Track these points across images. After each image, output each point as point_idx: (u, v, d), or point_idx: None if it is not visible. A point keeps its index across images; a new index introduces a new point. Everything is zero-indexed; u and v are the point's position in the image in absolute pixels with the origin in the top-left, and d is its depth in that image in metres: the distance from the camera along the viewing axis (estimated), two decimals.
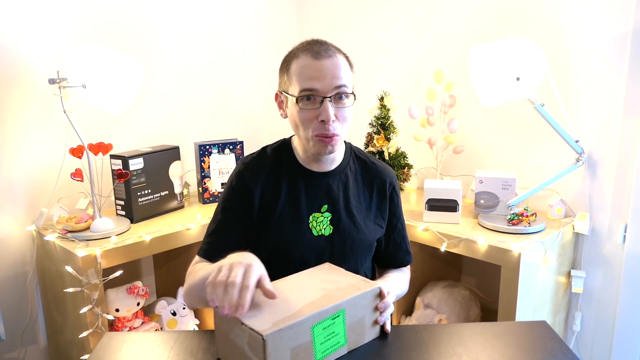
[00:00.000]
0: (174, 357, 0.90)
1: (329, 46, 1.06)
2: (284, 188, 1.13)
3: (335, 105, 1.03)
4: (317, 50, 1.03)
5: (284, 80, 1.09)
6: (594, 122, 1.63)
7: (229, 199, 1.15)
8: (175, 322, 1.79)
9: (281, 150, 1.18)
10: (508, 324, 1.06)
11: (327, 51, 1.03)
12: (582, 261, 1.71)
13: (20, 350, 1.77)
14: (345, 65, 1.05)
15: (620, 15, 1.53)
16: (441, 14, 1.98)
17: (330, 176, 1.14)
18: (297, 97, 1.03)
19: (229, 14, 2.22)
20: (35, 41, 1.67)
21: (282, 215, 1.12)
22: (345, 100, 1.05)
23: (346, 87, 1.04)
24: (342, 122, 1.06)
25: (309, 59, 1.03)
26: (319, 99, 1.02)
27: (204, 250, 1.14)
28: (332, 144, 1.05)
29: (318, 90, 1.01)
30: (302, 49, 1.05)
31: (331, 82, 1.02)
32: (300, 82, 1.03)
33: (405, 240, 1.26)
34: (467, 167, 1.97)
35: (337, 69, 1.03)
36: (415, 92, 2.07)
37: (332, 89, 1.02)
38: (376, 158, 1.26)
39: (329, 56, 1.03)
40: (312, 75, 1.02)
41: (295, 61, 1.05)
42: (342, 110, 1.05)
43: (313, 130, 1.04)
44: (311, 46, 1.05)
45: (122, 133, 1.92)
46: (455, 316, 1.76)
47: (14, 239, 1.71)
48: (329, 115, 1.02)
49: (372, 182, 1.19)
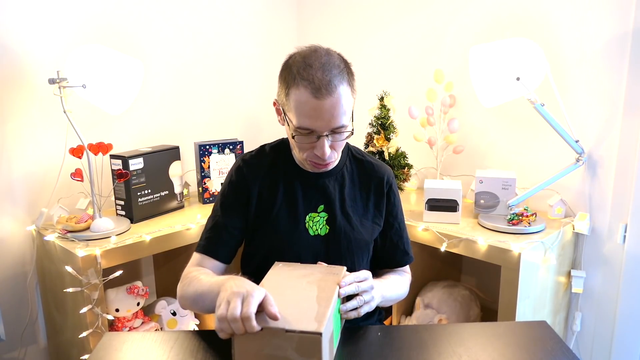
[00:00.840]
0: (174, 357, 0.90)
1: (332, 75, 0.97)
2: (281, 187, 1.13)
3: (332, 139, 1.03)
4: (317, 85, 0.95)
5: (282, 97, 1.03)
6: (594, 122, 1.63)
7: (227, 195, 1.15)
8: (175, 322, 1.79)
9: (279, 149, 1.18)
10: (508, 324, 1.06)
11: (328, 87, 0.96)
12: (582, 261, 1.71)
13: (20, 350, 1.77)
14: (346, 98, 0.99)
15: (620, 15, 1.53)
16: (441, 14, 1.98)
17: (327, 176, 1.15)
18: (293, 132, 1.02)
19: (229, 14, 2.22)
20: (36, 41, 1.67)
21: (278, 215, 1.12)
22: (344, 133, 1.03)
23: (345, 126, 1.01)
24: (338, 149, 1.06)
25: (308, 96, 0.96)
26: (315, 135, 1.01)
27: (203, 247, 1.13)
28: (327, 167, 1.09)
29: (315, 130, 1.00)
30: (303, 77, 0.97)
31: (329, 122, 0.99)
32: (298, 117, 0.99)
33: (403, 241, 1.24)
34: (467, 167, 1.97)
35: (337, 108, 0.98)
36: (415, 92, 2.07)
37: (330, 129, 1.00)
38: (373, 157, 1.25)
39: (330, 94, 0.96)
40: (310, 114, 0.98)
41: (295, 90, 0.98)
42: (339, 142, 1.05)
43: (308, 157, 1.06)
44: (313, 75, 0.96)
45: (122, 133, 1.92)
46: (455, 316, 1.76)
47: (14, 239, 1.71)
48: (324, 152, 1.02)
49: (369, 182, 1.19)
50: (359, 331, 1.00)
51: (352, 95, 1.02)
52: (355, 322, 1.17)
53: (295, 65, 1.00)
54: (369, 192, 1.19)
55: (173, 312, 1.79)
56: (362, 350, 0.92)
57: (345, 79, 1.00)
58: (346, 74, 1.01)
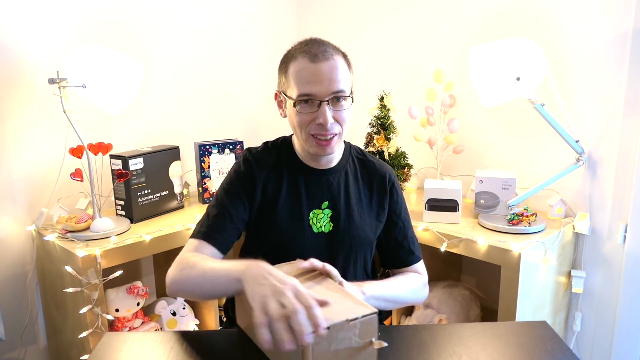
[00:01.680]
0: (174, 357, 0.90)
1: (327, 47, 1.04)
2: (285, 184, 1.13)
3: (333, 107, 1.03)
4: (314, 52, 1.02)
5: (283, 81, 1.08)
6: (594, 122, 1.63)
7: (233, 184, 1.13)
8: (175, 322, 1.79)
9: (282, 147, 1.18)
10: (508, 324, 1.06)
11: (325, 53, 1.02)
12: (582, 261, 1.71)
13: (20, 350, 1.77)
14: (343, 67, 1.04)
15: (620, 15, 1.53)
16: (441, 14, 1.98)
17: (331, 173, 1.15)
18: (295, 101, 1.03)
19: (229, 14, 2.22)
20: (35, 41, 1.67)
21: (282, 211, 1.12)
22: (343, 102, 1.05)
23: (344, 91, 1.03)
24: (341, 123, 1.06)
25: (306, 62, 1.02)
26: (316, 102, 1.02)
27: (203, 233, 1.09)
28: (331, 145, 1.06)
29: (315, 94, 1.01)
30: (300, 50, 1.04)
31: (329, 86, 1.01)
32: (298, 86, 1.02)
33: (408, 239, 1.23)
34: (467, 167, 1.97)
35: (334, 72, 1.02)
36: (415, 92, 2.07)
37: (330, 93, 1.02)
38: (374, 156, 1.25)
39: (326, 59, 1.01)
40: (309, 79, 1.01)
41: (292, 63, 1.04)
42: (341, 112, 1.05)
43: (310, 131, 1.05)
44: (309, 47, 1.03)
45: (122, 133, 1.92)
46: (455, 316, 1.76)
47: (14, 239, 1.71)
48: (326, 119, 1.02)
49: (371, 180, 1.19)
50: None
51: (349, 70, 1.07)
52: None
53: (292, 48, 1.08)
54: (372, 190, 1.19)
55: (173, 312, 1.79)
56: None
57: (340, 54, 1.06)
58: (342, 53, 1.07)
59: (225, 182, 1.15)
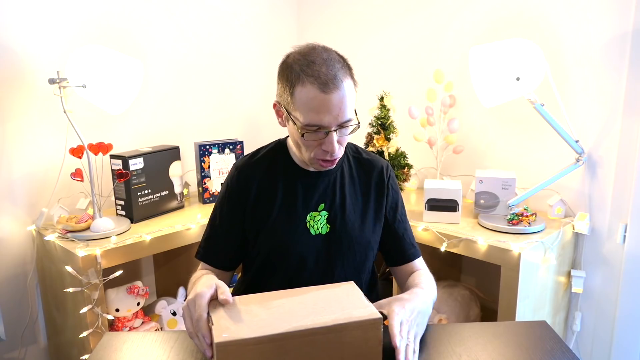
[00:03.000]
0: (174, 357, 0.90)
1: (336, 70, 0.98)
2: (280, 188, 1.13)
3: (339, 134, 1.03)
4: (324, 79, 0.96)
5: (286, 98, 1.02)
6: (594, 122, 1.63)
7: (223, 204, 1.16)
8: (175, 322, 1.79)
9: (276, 150, 1.18)
10: (508, 324, 1.06)
11: (335, 80, 0.96)
12: (582, 261, 1.71)
13: (20, 350, 1.77)
14: (351, 92, 1.00)
15: (620, 15, 1.53)
16: (441, 14, 1.98)
17: (327, 175, 1.14)
18: (301, 129, 1.01)
19: (229, 15, 2.22)
20: (36, 41, 1.67)
21: (279, 215, 1.12)
22: (350, 128, 1.03)
23: (350, 119, 1.02)
24: (344, 144, 1.07)
25: (315, 91, 0.96)
26: (323, 130, 1.00)
27: (202, 255, 1.16)
28: (333, 165, 1.08)
29: (324, 125, 0.99)
30: (308, 74, 0.97)
31: (338, 117, 0.99)
32: (306, 114, 0.98)
33: (408, 233, 1.21)
34: (467, 167, 1.97)
35: (343, 101, 0.98)
36: (415, 92, 2.07)
37: (338, 123, 1.00)
38: (369, 152, 1.23)
39: (337, 88, 0.96)
40: (319, 109, 0.97)
41: (300, 87, 0.97)
42: (345, 137, 1.05)
43: (315, 155, 1.05)
44: (318, 71, 0.96)
45: (122, 133, 1.92)
46: (455, 316, 1.76)
47: (14, 239, 1.71)
48: (334, 147, 1.01)
49: (368, 178, 1.18)
50: None
51: (354, 89, 1.04)
52: None
53: (297, 64, 0.99)
54: (369, 188, 1.18)
55: (173, 312, 1.79)
56: None
57: (347, 73, 1.01)
58: (347, 69, 1.02)
59: (218, 200, 1.18)
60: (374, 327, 0.81)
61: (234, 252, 1.16)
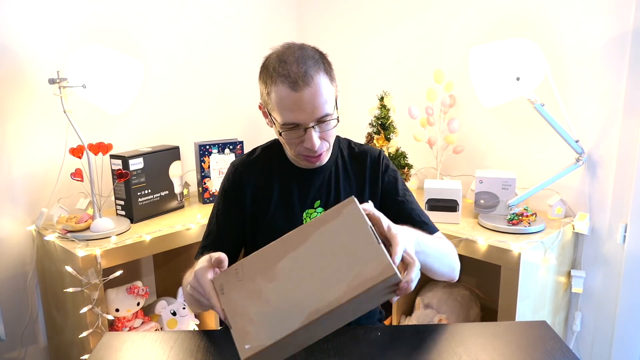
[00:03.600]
0: (174, 357, 0.90)
1: (307, 65, 0.98)
2: (276, 186, 1.14)
3: (320, 130, 1.02)
4: (294, 78, 0.96)
5: (265, 98, 1.04)
6: (594, 122, 1.63)
7: (221, 203, 1.16)
8: (175, 322, 1.79)
9: (272, 149, 1.18)
10: (508, 324, 1.06)
11: (305, 77, 0.96)
12: (582, 261, 1.71)
13: (20, 350, 1.77)
14: (325, 87, 0.99)
15: (620, 15, 1.53)
16: (441, 15, 1.98)
17: (322, 171, 1.14)
18: (280, 129, 1.02)
19: (229, 15, 2.22)
20: (36, 41, 1.67)
21: (275, 214, 1.13)
22: (329, 122, 1.02)
23: (328, 114, 1.01)
24: (328, 139, 1.05)
25: (286, 90, 0.97)
26: (302, 127, 1.01)
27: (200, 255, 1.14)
28: (320, 160, 1.07)
29: (300, 123, 1.00)
30: (280, 74, 0.98)
31: (312, 113, 0.99)
32: (282, 114, 1.00)
33: (417, 212, 1.14)
34: (467, 167, 1.97)
35: (317, 97, 0.98)
36: (415, 92, 2.07)
37: (314, 120, 1.00)
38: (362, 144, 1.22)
39: (307, 84, 0.96)
40: (292, 107, 0.98)
41: (274, 88, 0.99)
42: (327, 132, 1.04)
43: (299, 152, 1.05)
44: (288, 70, 0.97)
45: (122, 133, 1.92)
46: (455, 316, 1.76)
47: (14, 239, 1.71)
48: (313, 143, 1.01)
49: (363, 168, 1.16)
50: (359, 331, 1.00)
51: (331, 84, 1.02)
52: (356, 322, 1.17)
53: (271, 64, 1.01)
54: (364, 179, 1.16)
55: (173, 312, 1.79)
56: (362, 350, 0.92)
57: (321, 68, 1.00)
58: (322, 64, 1.01)
59: (216, 201, 1.19)
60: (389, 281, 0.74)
61: (230, 252, 1.15)
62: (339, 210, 0.79)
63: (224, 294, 0.81)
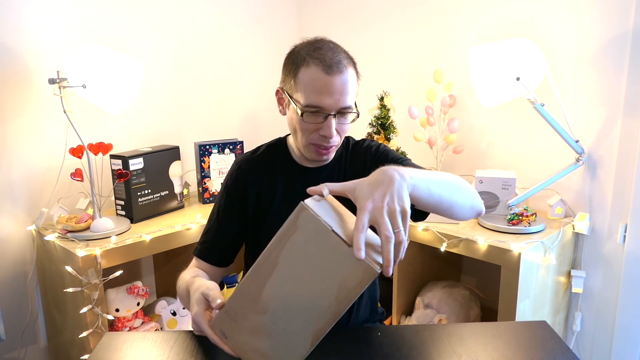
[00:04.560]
0: (174, 357, 0.90)
1: (341, 57, 1.01)
2: (280, 185, 1.14)
3: (338, 121, 1.03)
4: (329, 62, 0.98)
5: (289, 82, 1.04)
6: (594, 122, 1.63)
7: (223, 200, 1.16)
8: (175, 322, 1.79)
9: (277, 148, 1.18)
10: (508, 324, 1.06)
11: (339, 65, 0.99)
12: (582, 261, 1.71)
13: (20, 350, 1.77)
14: (353, 81, 1.02)
15: (620, 15, 1.53)
16: (441, 15, 1.98)
17: (326, 170, 1.14)
18: (302, 110, 1.01)
19: (229, 14, 2.22)
20: (36, 41, 1.67)
21: (278, 212, 1.12)
22: (349, 116, 1.04)
23: (351, 107, 1.03)
24: (341, 134, 1.07)
25: (319, 72, 0.98)
26: (323, 114, 1.01)
27: (199, 250, 1.16)
28: (329, 154, 1.07)
29: (324, 107, 1.00)
30: (313, 56, 1.00)
31: (339, 101, 1.00)
32: (307, 95, 1.00)
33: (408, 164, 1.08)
34: (467, 167, 1.97)
35: (346, 86, 1.00)
36: (415, 92, 2.07)
37: (338, 108, 1.01)
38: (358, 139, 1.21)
39: (340, 72, 0.99)
40: (320, 90, 0.99)
41: (304, 69, 1.00)
42: (344, 125, 1.05)
43: (312, 140, 1.05)
44: (323, 55, 0.99)
45: (122, 133, 1.92)
46: (455, 316, 1.76)
47: (14, 239, 1.71)
48: (331, 132, 1.01)
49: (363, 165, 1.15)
50: (359, 331, 1.00)
51: (357, 81, 1.06)
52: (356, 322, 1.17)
53: (304, 49, 1.03)
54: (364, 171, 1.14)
55: (173, 312, 1.79)
56: (362, 350, 0.92)
57: (351, 63, 1.04)
58: (352, 61, 1.05)
59: (217, 196, 1.19)
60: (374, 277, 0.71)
61: (229, 248, 1.16)
62: (294, 222, 0.74)
63: (228, 338, 0.82)
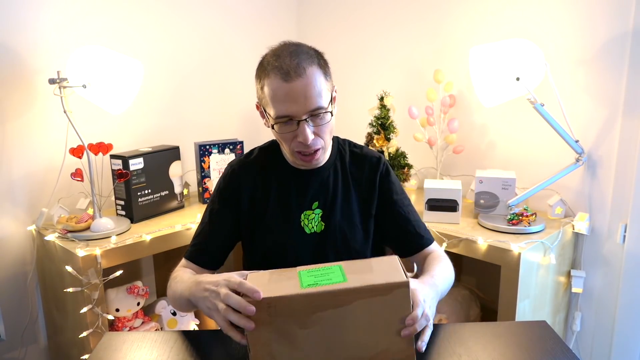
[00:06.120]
0: (174, 357, 0.90)
1: (301, 59, 0.98)
2: (274, 187, 1.13)
3: (313, 124, 1.01)
4: (286, 69, 0.96)
5: (260, 94, 1.04)
6: (594, 122, 1.63)
7: (216, 203, 1.16)
8: (175, 322, 1.79)
9: (270, 150, 1.18)
10: (508, 324, 1.06)
11: (297, 69, 0.96)
12: (582, 261, 1.71)
13: (20, 350, 1.77)
14: (318, 80, 0.99)
15: (620, 15, 1.53)
16: (441, 14, 1.98)
17: (320, 173, 1.14)
18: (273, 122, 1.02)
19: (229, 14, 2.22)
20: (36, 41, 1.67)
21: (273, 215, 1.12)
22: (323, 117, 1.02)
23: (322, 107, 1.00)
24: (323, 136, 1.04)
25: (278, 81, 0.97)
26: (295, 121, 1.00)
27: (190, 253, 1.15)
28: (315, 158, 1.06)
29: (292, 115, 0.99)
30: (273, 66, 0.98)
31: (305, 105, 0.98)
32: (274, 106, 0.99)
33: (412, 224, 1.16)
34: (467, 167, 1.97)
35: (309, 89, 0.97)
36: (415, 92, 2.07)
37: (307, 112, 0.99)
38: (362, 147, 1.21)
39: (299, 76, 0.96)
40: (284, 99, 0.98)
41: (267, 81, 0.99)
42: (321, 127, 1.03)
43: (294, 148, 1.04)
44: (281, 62, 0.97)
45: (122, 133, 1.92)
46: (455, 316, 1.76)
47: (14, 239, 1.71)
48: (306, 137, 1.00)
49: (361, 172, 1.16)
50: None
51: (326, 79, 1.02)
52: None
53: (266, 60, 1.02)
54: (362, 183, 1.16)
55: (173, 312, 1.79)
56: None
57: (315, 62, 1.00)
58: (316, 58, 1.02)
59: (210, 199, 1.18)
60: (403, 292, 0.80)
61: (220, 252, 1.16)
62: (390, 289, 0.80)
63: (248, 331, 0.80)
